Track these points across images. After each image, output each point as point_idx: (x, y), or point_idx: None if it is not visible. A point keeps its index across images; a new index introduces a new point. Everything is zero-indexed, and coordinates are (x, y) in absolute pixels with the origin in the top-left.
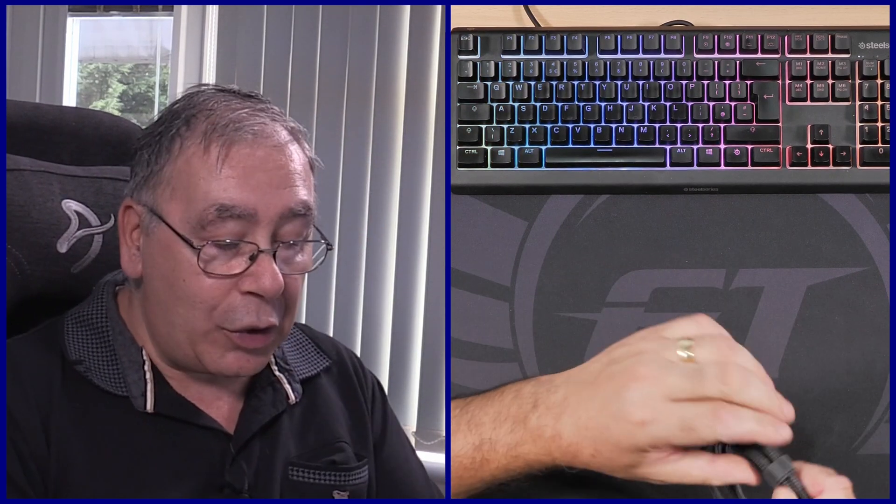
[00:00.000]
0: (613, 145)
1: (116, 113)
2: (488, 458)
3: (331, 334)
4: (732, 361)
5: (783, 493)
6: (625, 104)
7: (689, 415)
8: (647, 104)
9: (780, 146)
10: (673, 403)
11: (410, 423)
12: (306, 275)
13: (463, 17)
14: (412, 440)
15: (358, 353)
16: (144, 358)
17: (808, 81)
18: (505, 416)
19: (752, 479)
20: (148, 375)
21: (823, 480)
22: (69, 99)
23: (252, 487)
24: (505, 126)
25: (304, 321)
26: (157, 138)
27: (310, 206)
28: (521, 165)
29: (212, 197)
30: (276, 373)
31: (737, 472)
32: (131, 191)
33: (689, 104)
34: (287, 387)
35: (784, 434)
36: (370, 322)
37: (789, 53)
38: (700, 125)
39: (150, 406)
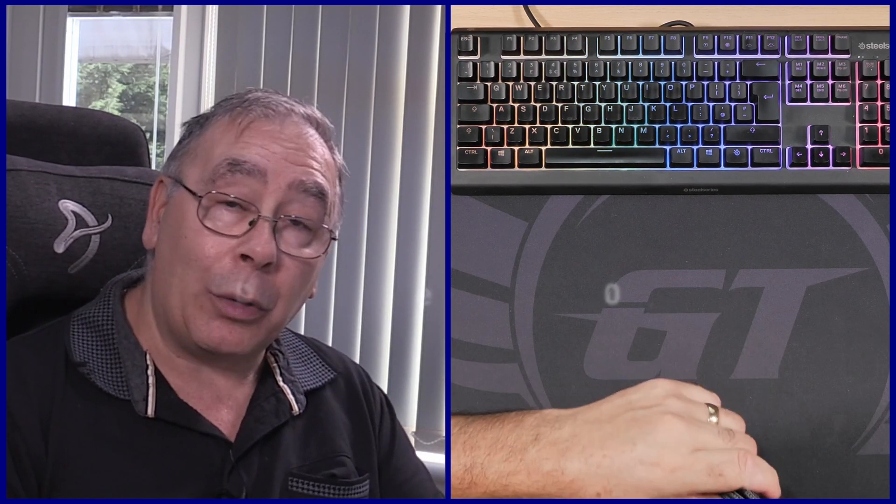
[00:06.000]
0: (613, 146)
1: (116, 113)
2: (476, 482)
3: (330, 335)
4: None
5: None
6: (625, 105)
7: (717, 461)
8: (646, 105)
9: (779, 146)
10: (700, 452)
11: (410, 424)
12: (311, 276)
13: (463, 17)
14: (412, 440)
15: (357, 354)
16: (148, 362)
17: (808, 82)
18: (502, 444)
19: None
20: (150, 380)
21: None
22: (69, 99)
23: (250, 496)
24: (505, 126)
25: (304, 321)
26: (197, 120)
27: (324, 191)
28: (520, 166)
29: (227, 153)
30: (281, 383)
31: None
32: (165, 167)
33: (689, 105)
34: (291, 398)
35: (778, 493)
36: (370, 322)
37: (789, 54)
38: (700, 126)
39: (150, 411)
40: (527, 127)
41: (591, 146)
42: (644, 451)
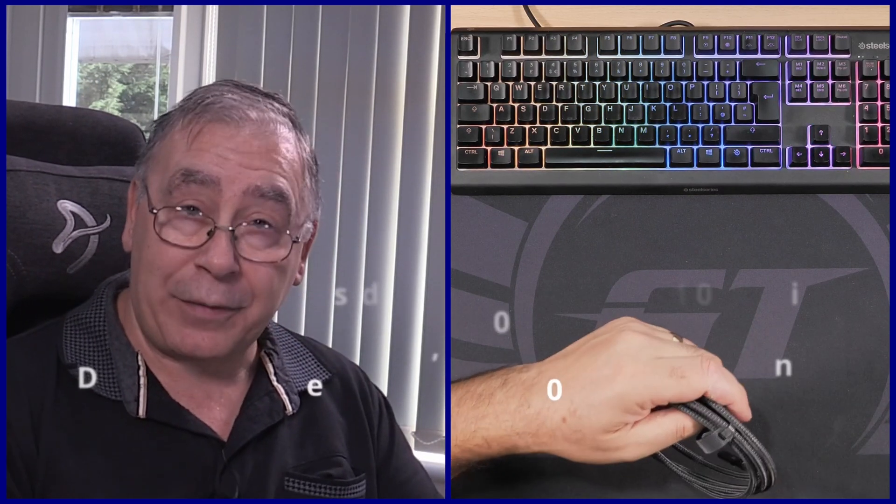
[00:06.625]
0: (613, 146)
1: (116, 113)
2: None
3: (330, 335)
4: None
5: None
6: (625, 104)
7: (678, 364)
8: (646, 104)
9: (780, 146)
10: (662, 359)
11: (410, 424)
12: (286, 273)
13: (463, 17)
14: (412, 440)
15: (357, 354)
16: (139, 363)
17: (808, 82)
18: (471, 395)
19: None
20: (142, 381)
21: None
22: (69, 99)
23: (243, 496)
24: (505, 126)
25: (303, 321)
26: (160, 122)
27: (283, 194)
28: (521, 166)
29: (180, 163)
30: (275, 383)
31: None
32: (135, 169)
33: (689, 104)
34: (284, 397)
35: (748, 414)
36: (370, 322)
37: (789, 54)
38: (700, 125)
39: (142, 411)
40: (527, 127)
41: (591, 146)
42: (605, 363)
